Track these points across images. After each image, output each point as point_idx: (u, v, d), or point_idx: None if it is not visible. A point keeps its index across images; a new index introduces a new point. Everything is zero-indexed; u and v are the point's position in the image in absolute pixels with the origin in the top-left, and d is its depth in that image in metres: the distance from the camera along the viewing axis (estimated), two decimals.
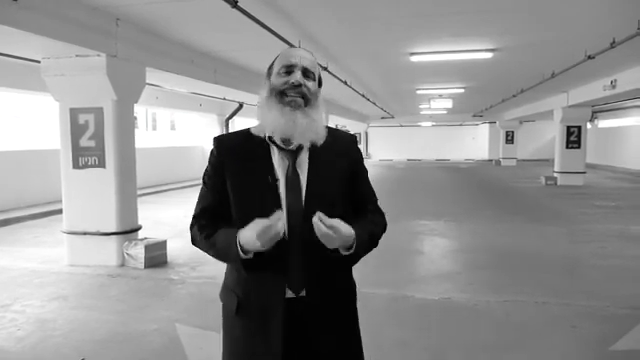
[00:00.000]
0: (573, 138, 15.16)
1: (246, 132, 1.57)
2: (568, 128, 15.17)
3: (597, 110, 21.23)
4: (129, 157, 5.93)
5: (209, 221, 1.55)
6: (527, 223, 8.55)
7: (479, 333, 3.78)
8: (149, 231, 6.94)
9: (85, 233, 5.73)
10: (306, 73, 1.50)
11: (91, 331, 3.83)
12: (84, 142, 5.67)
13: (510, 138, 26.16)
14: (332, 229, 1.36)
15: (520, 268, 5.66)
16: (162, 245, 5.95)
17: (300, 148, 1.49)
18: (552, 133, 24.92)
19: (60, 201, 5.97)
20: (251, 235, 1.35)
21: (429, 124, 29.87)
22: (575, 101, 13.76)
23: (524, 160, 28.29)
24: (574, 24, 6.22)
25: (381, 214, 1.66)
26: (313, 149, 1.51)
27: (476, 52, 7.79)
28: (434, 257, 6.28)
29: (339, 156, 1.56)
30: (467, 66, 9.39)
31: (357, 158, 1.63)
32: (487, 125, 29.81)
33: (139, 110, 27.08)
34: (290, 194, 1.48)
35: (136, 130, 6.67)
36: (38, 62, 5.70)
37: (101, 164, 5.66)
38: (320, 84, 1.59)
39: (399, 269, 5.62)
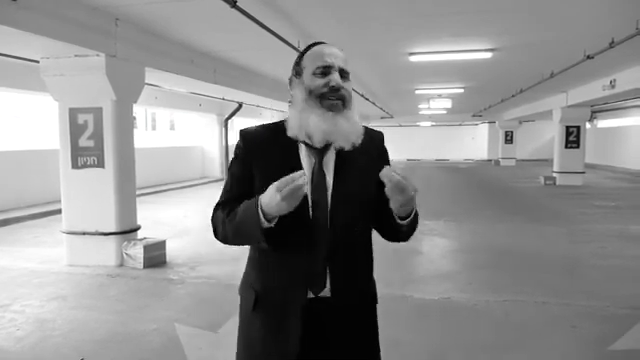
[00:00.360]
0: (572, 138, 15.16)
1: (272, 126, 1.53)
2: (567, 128, 15.17)
3: (596, 110, 21.26)
4: (128, 157, 5.92)
5: (232, 209, 1.50)
6: (526, 223, 8.55)
7: (479, 333, 3.78)
8: (148, 231, 6.94)
9: (84, 233, 5.72)
10: (342, 74, 1.46)
11: (90, 331, 3.83)
12: (83, 142, 5.67)
13: (509, 138, 26.16)
14: (405, 179, 1.31)
15: (520, 268, 5.66)
16: (161, 245, 5.94)
17: (328, 145, 1.45)
18: (551, 133, 24.94)
19: (59, 201, 5.97)
20: (270, 189, 1.29)
21: (428, 124, 29.89)
22: (574, 101, 13.76)
23: (523, 160, 28.30)
24: (573, 24, 6.23)
25: None
26: (340, 147, 1.46)
27: (475, 52, 7.78)
28: (433, 257, 6.28)
29: (367, 154, 1.52)
30: (466, 66, 9.39)
31: (385, 156, 1.60)
32: (486, 125, 29.81)
33: (138, 110, 27.08)
34: (316, 193, 1.44)
35: (135, 130, 6.66)
36: (37, 62, 5.69)
37: (100, 164, 5.65)
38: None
39: (398, 269, 5.61)
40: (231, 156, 1.60)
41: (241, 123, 18.44)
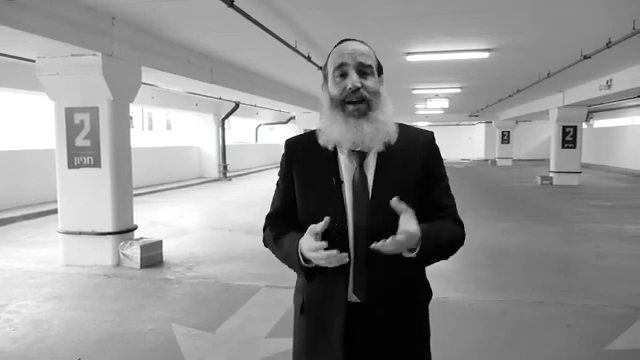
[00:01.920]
0: (569, 138, 15.21)
1: (314, 132, 1.51)
2: (564, 128, 15.22)
3: (593, 110, 21.33)
4: (125, 157, 5.91)
5: (280, 222, 1.54)
6: (523, 222, 8.57)
7: (474, 332, 3.78)
8: (145, 231, 6.93)
9: (80, 233, 5.70)
10: (362, 70, 1.39)
11: (87, 331, 3.81)
12: (79, 142, 5.65)
13: (506, 138, 26.23)
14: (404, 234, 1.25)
15: (516, 267, 5.67)
16: (158, 245, 5.93)
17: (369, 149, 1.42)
18: (548, 133, 25.02)
19: (55, 201, 5.95)
20: (307, 249, 1.33)
21: (425, 124, 29.90)
22: (571, 101, 13.81)
23: (520, 160, 28.37)
24: (570, 24, 6.25)
25: (459, 223, 1.55)
26: (382, 150, 1.43)
27: (472, 52, 7.80)
28: None
29: (410, 157, 1.45)
30: (463, 66, 9.40)
31: (432, 160, 1.49)
32: (483, 125, 29.88)
33: (135, 110, 27.03)
34: (356, 197, 1.41)
35: (132, 130, 6.65)
36: (33, 61, 5.67)
37: (96, 164, 5.64)
38: (380, 72, 1.47)
39: None
40: (228, 156, 1.61)
41: (238, 123, 18.41)
